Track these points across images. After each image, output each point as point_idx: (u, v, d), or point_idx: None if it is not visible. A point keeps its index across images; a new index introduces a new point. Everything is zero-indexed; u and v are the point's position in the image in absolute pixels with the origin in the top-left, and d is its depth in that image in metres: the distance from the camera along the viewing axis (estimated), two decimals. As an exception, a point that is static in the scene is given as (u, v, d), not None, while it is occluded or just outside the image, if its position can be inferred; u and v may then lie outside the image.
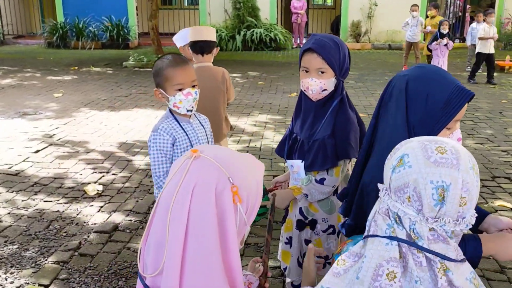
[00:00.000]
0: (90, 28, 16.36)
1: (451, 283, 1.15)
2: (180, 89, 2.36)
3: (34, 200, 4.37)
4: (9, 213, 4.10)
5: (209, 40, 3.69)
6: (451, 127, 1.58)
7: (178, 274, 1.05)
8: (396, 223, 1.18)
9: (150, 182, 4.80)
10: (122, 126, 6.89)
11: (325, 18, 20.18)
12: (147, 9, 16.31)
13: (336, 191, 2.36)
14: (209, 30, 3.78)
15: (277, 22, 17.34)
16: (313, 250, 1.59)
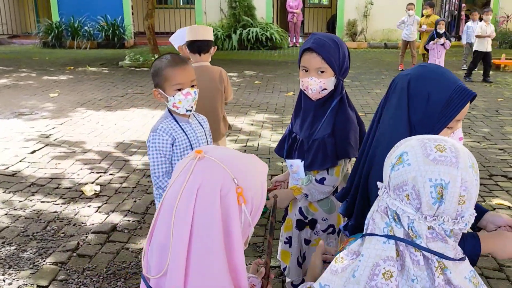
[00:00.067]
0: (86, 27, 16.31)
1: (449, 282, 1.15)
2: (179, 89, 2.35)
3: (31, 200, 4.35)
4: (6, 214, 4.08)
5: (206, 39, 3.68)
6: (452, 127, 1.58)
7: (182, 275, 1.04)
8: (394, 222, 1.18)
9: (148, 182, 4.79)
10: (119, 126, 6.87)
11: (321, 17, 20.21)
12: (143, 8, 16.29)
13: (336, 191, 2.36)
14: (206, 29, 3.77)
15: (273, 21, 17.35)
16: (322, 247, 1.56)
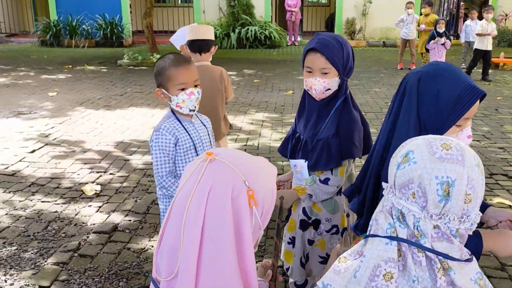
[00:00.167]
0: (84, 26, 16.28)
1: (453, 283, 1.14)
2: (182, 88, 2.35)
3: (31, 200, 4.34)
4: (6, 214, 4.07)
5: (207, 38, 3.67)
6: (461, 125, 1.59)
7: (193, 278, 1.04)
8: (398, 221, 1.18)
9: (149, 181, 4.78)
10: (118, 125, 6.86)
11: (319, 16, 20.19)
12: (141, 7, 16.28)
13: (340, 191, 2.36)
14: (206, 28, 3.76)
15: (271, 20, 17.34)
16: (338, 249, 1.56)
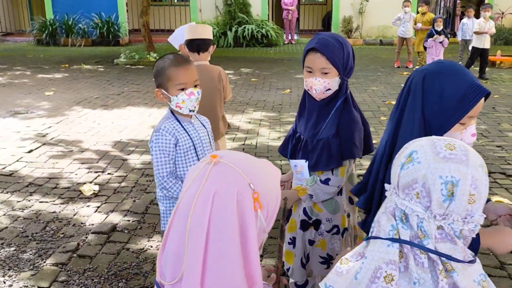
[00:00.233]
0: (80, 25, 16.23)
1: (455, 285, 1.14)
2: (182, 88, 2.34)
3: (29, 201, 4.32)
4: (4, 214, 4.05)
5: (205, 38, 3.66)
6: (465, 123, 1.60)
7: (198, 281, 1.03)
8: (401, 222, 1.18)
9: (147, 181, 4.77)
10: (116, 125, 6.84)
11: (316, 14, 20.18)
12: (137, 5, 16.24)
13: (340, 191, 2.35)
14: (205, 28, 3.75)
15: (268, 18, 17.33)
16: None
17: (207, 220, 1.04)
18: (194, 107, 2.40)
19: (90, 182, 4.73)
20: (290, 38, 17.10)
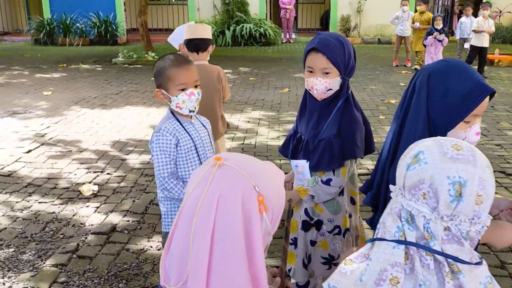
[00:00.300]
0: (78, 24, 16.20)
1: (461, 287, 1.13)
2: (183, 89, 2.33)
3: (28, 201, 4.30)
4: (3, 215, 4.03)
5: (204, 37, 3.65)
6: (470, 121, 1.60)
7: (203, 284, 1.02)
8: (407, 224, 1.17)
9: (146, 181, 4.75)
10: (114, 124, 6.82)
11: (314, 13, 20.17)
12: (135, 4, 16.20)
13: (342, 191, 2.34)
14: (203, 27, 3.74)
15: (266, 17, 17.32)
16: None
17: (212, 222, 1.03)
18: (194, 108, 2.39)
19: (89, 182, 4.72)
20: (288, 37, 17.09)
